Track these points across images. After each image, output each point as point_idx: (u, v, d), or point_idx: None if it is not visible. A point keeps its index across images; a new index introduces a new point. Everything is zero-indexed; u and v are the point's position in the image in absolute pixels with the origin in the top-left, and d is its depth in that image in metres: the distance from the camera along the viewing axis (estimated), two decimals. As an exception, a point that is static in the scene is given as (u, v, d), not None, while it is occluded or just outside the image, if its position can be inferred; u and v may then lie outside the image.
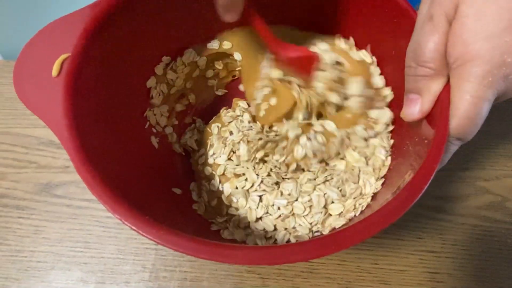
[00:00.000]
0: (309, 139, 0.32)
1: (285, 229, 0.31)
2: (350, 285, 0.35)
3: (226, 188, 0.34)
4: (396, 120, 0.32)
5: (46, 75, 0.25)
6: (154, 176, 0.32)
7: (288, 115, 0.33)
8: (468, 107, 0.22)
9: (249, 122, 0.36)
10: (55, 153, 0.41)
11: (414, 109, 0.25)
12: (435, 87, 0.24)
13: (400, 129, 0.31)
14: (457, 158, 0.24)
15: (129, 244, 0.37)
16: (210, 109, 0.40)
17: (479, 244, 0.36)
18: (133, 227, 0.21)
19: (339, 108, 0.32)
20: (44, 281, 0.35)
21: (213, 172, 0.35)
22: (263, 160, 0.34)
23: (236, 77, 0.40)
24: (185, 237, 0.20)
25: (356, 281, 0.35)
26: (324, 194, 0.32)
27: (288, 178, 0.33)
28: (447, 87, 0.23)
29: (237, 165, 0.34)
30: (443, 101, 0.23)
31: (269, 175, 0.33)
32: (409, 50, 0.25)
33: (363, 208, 0.30)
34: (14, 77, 0.26)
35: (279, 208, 0.32)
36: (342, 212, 0.31)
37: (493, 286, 0.35)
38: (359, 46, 0.34)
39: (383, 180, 0.31)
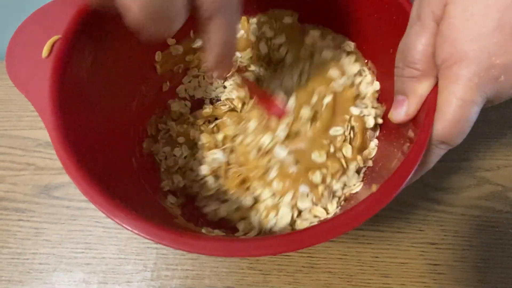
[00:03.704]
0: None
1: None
2: (351, 279, 0.35)
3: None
4: (385, 122, 0.32)
5: (37, 56, 0.25)
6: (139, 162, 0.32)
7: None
8: (455, 110, 0.21)
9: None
10: (53, 155, 0.41)
11: (401, 111, 0.25)
12: (422, 89, 0.23)
13: (389, 130, 0.31)
14: (456, 148, 0.23)
15: (130, 244, 0.37)
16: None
17: (480, 235, 0.36)
18: (101, 208, 0.21)
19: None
20: (47, 283, 0.36)
21: None
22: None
23: None
24: (152, 224, 0.21)
25: (357, 275, 0.35)
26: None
27: None
28: (435, 89, 0.23)
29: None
30: (429, 103, 0.22)
31: None
32: (398, 50, 0.24)
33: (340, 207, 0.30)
34: (6, 55, 0.26)
35: None
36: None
37: (494, 276, 0.35)
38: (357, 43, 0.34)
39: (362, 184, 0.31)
